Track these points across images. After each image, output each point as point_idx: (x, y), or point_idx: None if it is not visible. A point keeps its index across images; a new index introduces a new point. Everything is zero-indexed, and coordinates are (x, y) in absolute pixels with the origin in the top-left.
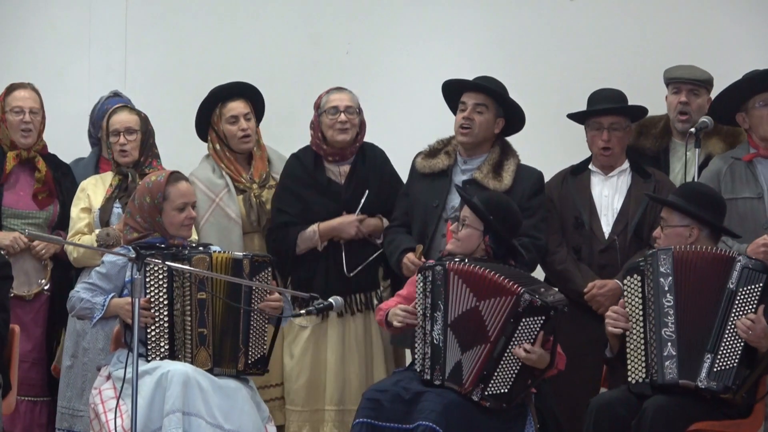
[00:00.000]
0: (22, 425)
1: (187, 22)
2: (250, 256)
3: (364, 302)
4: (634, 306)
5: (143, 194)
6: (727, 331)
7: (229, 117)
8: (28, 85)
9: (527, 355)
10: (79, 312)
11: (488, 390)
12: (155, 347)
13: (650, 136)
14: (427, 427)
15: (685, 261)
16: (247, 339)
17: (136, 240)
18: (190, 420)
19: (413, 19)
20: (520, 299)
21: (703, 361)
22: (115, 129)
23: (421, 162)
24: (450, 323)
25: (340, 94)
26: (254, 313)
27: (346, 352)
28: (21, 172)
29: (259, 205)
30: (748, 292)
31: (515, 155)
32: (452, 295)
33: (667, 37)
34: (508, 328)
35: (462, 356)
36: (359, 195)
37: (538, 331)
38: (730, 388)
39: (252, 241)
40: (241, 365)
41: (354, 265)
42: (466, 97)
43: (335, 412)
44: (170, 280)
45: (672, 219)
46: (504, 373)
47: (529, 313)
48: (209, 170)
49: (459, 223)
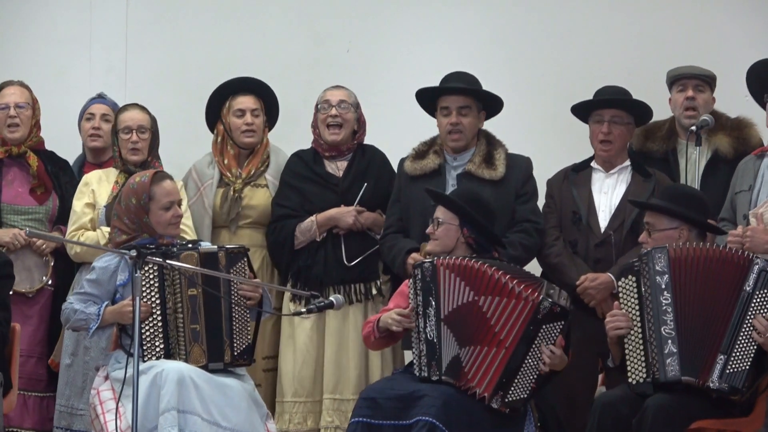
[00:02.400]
0: (32, 421)
1: (187, 21)
2: (224, 248)
3: (363, 292)
4: (630, 307)
5: (129, 196)
6: (742, 333)
7: (236, 110)
8: (16, 81)
9: (552, 357)
10: (74, 324)
11: (508, 397)
12: (150, 347)
13: (657, 138)
14: (426, 422)
15: (683, 259)
16: (231, 331)
17: (125, 242)
18: (185, 417)
19: (414, 19)
20: (539, 306)
21: (716, 362)
22: (128, 126)
23: (410, 165)
24: (443, 318)
25: (336, 90)
26: (235, 304)
27: (344, 341)
28: (16, 168)
29: (234, 200)
30: (765, 296)
31: (502, 144)
32: (444, 289)
33: (668, 36)
34: (528, 334)
35: (460, 350)
36: (357, 188)
37: (557, 335)
38: (739, 390)
39: (219, 235)
40: (228, 357)
41: (354, 255)
42: (446, 101)
43: (331, 401)
44: (161, 280)
45: (660, 223)
46: (524, 380)
47: (549, 320)
48: (207, 162)
49: (434, 225)
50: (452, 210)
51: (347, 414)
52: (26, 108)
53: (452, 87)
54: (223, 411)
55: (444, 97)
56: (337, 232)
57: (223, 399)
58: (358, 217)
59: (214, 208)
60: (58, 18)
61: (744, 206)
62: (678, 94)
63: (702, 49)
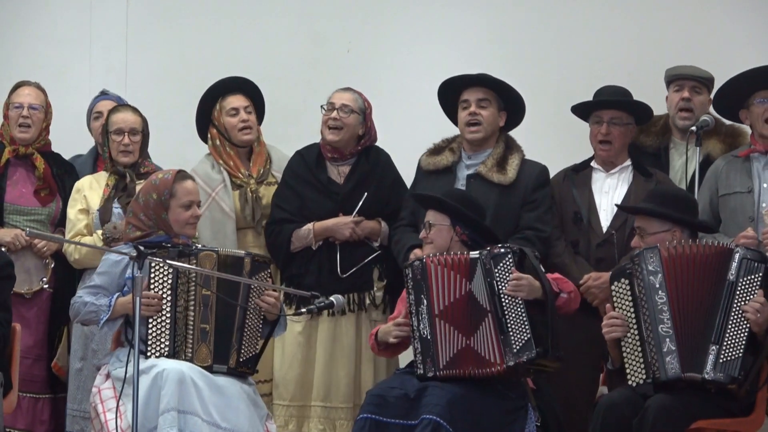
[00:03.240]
0: (25, 422)
1: (188, 21)
2: (251, 255)
3: (357, 302)
4: (625, 310)
5: (149, 191)
6: (731, 321)
7: (229, 109)
8: (33, 83)
9: (516, 282)
10: (84, 316)
11: (515, 347)
12: (155, 343)
13: (651, 133)
14: (431, 420)
15: (675, 257)
16: (241, 337)
17: (139, 239)
18: (185, 418)
19: (414, 19)
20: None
21: (708, 353)
22: (119, 128)
23: (426, 159)
24: (437, 314)
25: (342, 92)
26: (250, 312)
27: (336, 350)
28: (22, 168)
29: (255, 201)
30: (749, 282)
31: (520, 150)
32: (436, 285)
33: (668, 36)
34: (492, 287)
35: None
36: (358, 196)
37: (510, 269)
38: (736, 378)
39: (245, 236)
40: (233, 362)
41: (348, 266)
42: (466, 94)
43: (321, 409)
44: (175, 278)
45: (651, 226)
46: (516, 324)
47: (497, 261)
48: (208, 166)
49: (426, 229)
50: (442, 210)
51: (335, 422)
52: (39, 110)
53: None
54: (222, 412)
55: (464, 91)
56: (333, 241)
57: (222, 400)
58: (356, 229)
59: (236, 211)
60: (58, 18)
61: (744, 208)
62: (674, 94)
63: (702, 49)
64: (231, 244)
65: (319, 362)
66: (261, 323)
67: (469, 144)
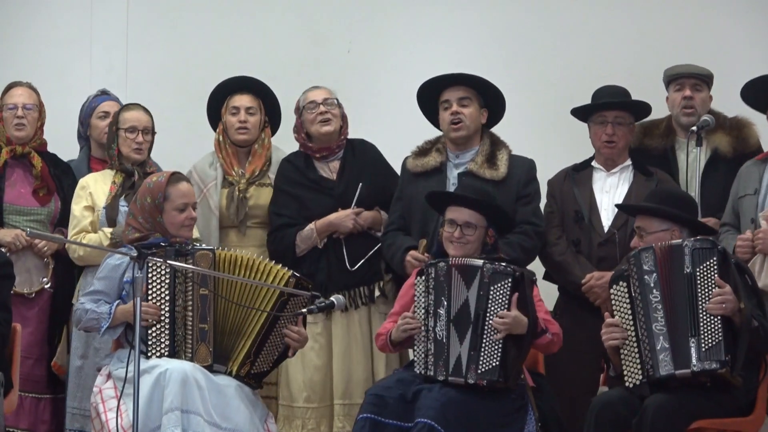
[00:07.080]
0: (28, 422)
1: (188, 21)
2: (298, 276)
3: (368, 295)
4: (624, 312)
5: (144, 195)
6: (700, 311)
7: (231, 108)
8: (24, 83)
9: (502, 320)
10: (86, 324)
11: (480, 368)
12: (156, 343)
13: (655, 136)
14: (425, 424)
15: (667, 254)
16: (260, 351)
17: (138, 240)
18: (188, 418)
19: (414, 19)
20: (483, 270)
21: (690, 347)
22: (133, 126)
23: (412, 162)
24: (452, 318)
25: (316, 90)
26: (276, 332)
27: (351, 345)
28: (20, 169)
29: (240, 200)
30: (705, 270)
31: (506, 145)
32: (455, 290)
33: (668, 36)
34: (482, 301)
35: (460, 348)
36: (352, 189)
37: (509, 294)
38: (725, 361)
39: (227, 235)
40: (243, 371)
41: (356, 258)
42: (447, 94)
43: (342, 407)
44: (172, 277)
45: (651, 226)
46: (489, 347)
47: (496, 280)
48: (207, 162)
49: (460, 229)
50: (479, 211)
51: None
52: (33, 110)
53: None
54: (222, 412)
55: (444, 92)
56: (338, 236)
57: (222, 400)
58: (357, 220)
59: (220, 209)
60: (58, 18)
61: (750, 210)
62: (675, 93)
63: (701, 49)
64: (214, 240)
65: (336, 361)
66: (282, 346)
67: (453, 143)
